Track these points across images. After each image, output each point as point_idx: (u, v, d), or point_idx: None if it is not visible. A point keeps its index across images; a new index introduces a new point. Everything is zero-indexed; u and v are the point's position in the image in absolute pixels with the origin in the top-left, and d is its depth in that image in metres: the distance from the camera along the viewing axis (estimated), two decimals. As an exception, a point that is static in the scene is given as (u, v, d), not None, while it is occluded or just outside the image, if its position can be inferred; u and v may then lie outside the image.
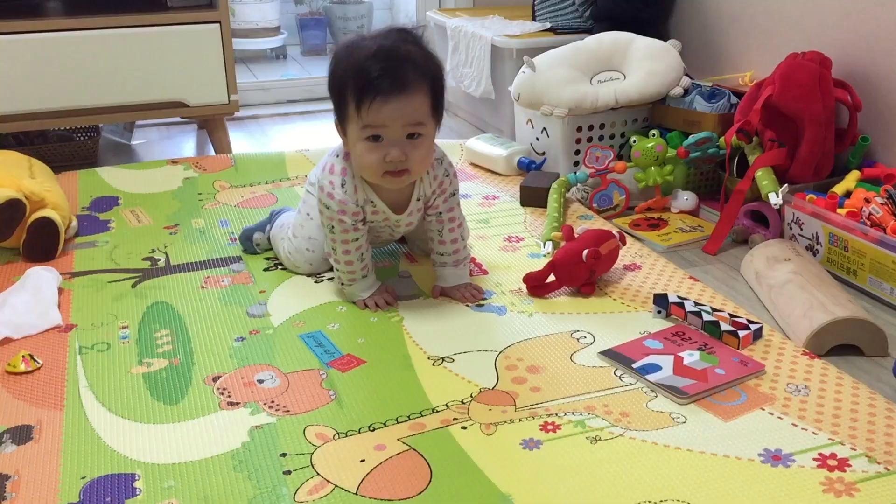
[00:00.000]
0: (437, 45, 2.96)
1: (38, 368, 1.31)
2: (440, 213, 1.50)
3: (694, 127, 1.99)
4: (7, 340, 1.39)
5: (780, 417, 1.17)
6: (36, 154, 2.21)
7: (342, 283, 1.50)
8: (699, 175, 2.02)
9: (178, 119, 2.75)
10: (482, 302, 1.51)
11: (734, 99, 1.98)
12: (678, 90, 2.04)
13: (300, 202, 1.64)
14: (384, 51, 1.32)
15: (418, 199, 1.48)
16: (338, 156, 1.45)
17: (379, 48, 1.32)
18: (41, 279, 1.55)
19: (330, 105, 1.41)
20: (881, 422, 1.15)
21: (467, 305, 1.50)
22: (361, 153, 1.36)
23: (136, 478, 1.06)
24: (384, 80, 1.30)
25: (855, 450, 1.09)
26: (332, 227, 1.44)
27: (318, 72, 3.50)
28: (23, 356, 1.32)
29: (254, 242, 1.70)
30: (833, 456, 1.08)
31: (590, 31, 2.40)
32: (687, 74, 2.09)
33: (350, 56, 1.34)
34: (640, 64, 2.07)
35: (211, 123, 2.43)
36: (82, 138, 2.45)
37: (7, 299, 1.49)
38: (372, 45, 1.33)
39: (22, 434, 1.16)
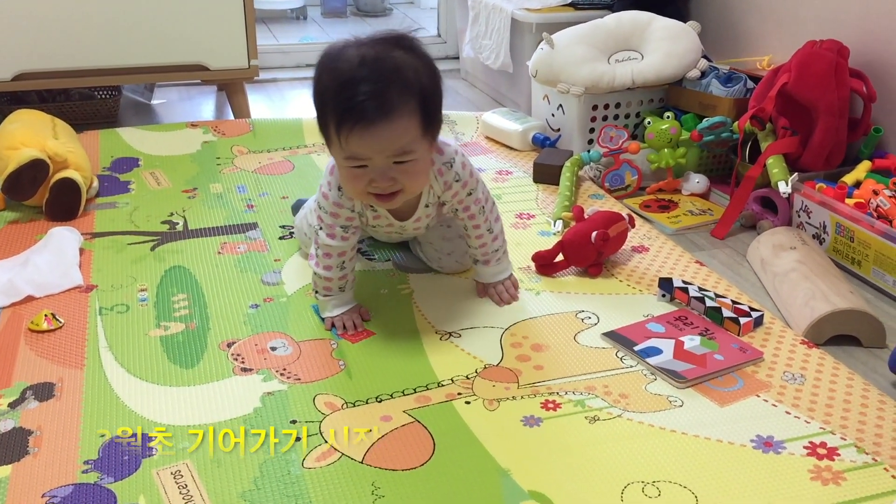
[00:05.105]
0: (457, 15, 2.97)
1: (60, 327, 1.36)
2: (456, 210, 1.40)
3: (709, 110, 2.00)
4: (30, 299, 1.44)
5: (774, 405, 1.20)
6: (57, 111, 2.25)
7: (315, 292, 1.39)
8: (711, 158, 2.03)
9: (197, 80, 2.77)
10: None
11: (750, 84, 1.98)
12: (695, 73, 2.04)
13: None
14: (367, 64, 1.16)
15: (427, 206, 1.38)
16: None
17: (361, 60, 1.16)
18: (63, 239, 1.59)
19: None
20: (872, 413, 1.18)
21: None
22: (345, 178, 1.25)
23: (152, 438, 1.11)
24: (363, 107, 1.14)
25: (845, 439, 1.13)
26: (320, 227, 1.35)
27: (337, 35, 3.50)
28: (45, 315, 1.37)
29: None
30: (823, 445, 1.12)
31: (610, 8, 2.40)
32: (705, 56, 2.10)
33: (332, 70, 1.19)
34: (659, 45, 2.08)
35: (230, 87, 2.46)
36: (103, 97, 2.48)
37: (30, 258, 1.54)
38: (355, 57, 1.17)
39: (44, 391, 1.21)
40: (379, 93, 1.15)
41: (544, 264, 1.57)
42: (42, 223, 1.72)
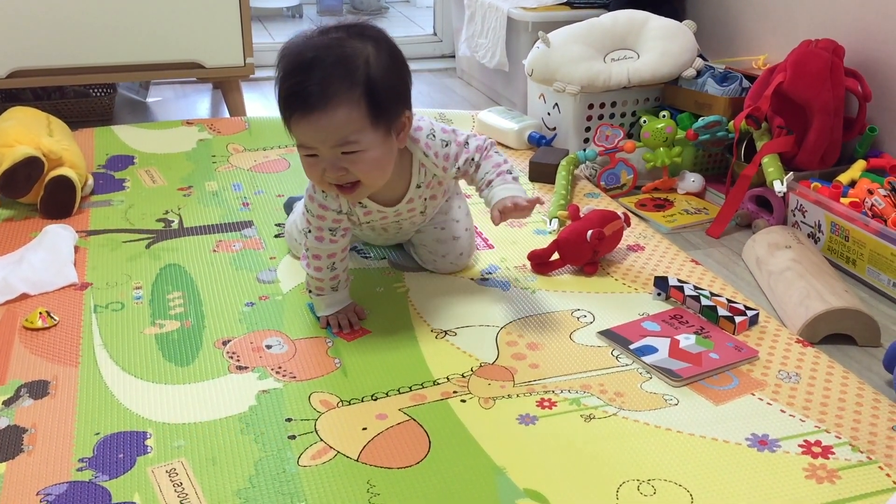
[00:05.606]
0: (453, 13, 2.96)
1: (55, 325, 1.36)
2: (474, 158, 1.36)
3: (705, 109, 2.00)
4: (24, 296, 1.43)
5: (769, 403, 1.20)
6: (53, 109, 2.25)
7: (309, 291, 1.40)
8: (707, 157, 2.03)
9: (193, 78, 2.77)
10: (486, 276, 1.55)
11: (746, 83, 1.99)
12: (691, 72, 2.05)
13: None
14: (316, 51, 1.16)
15: (419, 186, 1.36)
16: None
17: (313, 47, 1.17)
18: (58, 237, 1.59)
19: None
20: (867, 411, 1.19)
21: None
22: (303, 167, 1.24)
23: (148, 436, 1.11)
24: (304, 94, 1.14)
25: (840, 438, 1.13)
26: (309, 230, 1.35)
27: (333, 34, 3.49)
28: (40, 313, 1.36)
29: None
30: (818, 443, 1.12)
31: (606, 7, 2.40)
32: (700, 55, 2.10)
33: (286, 57, 1.19)
34: (654, 44, 2.08)
35: (226, 85, 2.45)
36: (99, 94, 2.48)
37: (25, 256, 1.53)
38: (309, 45, 1.18)
39: (39, 389, 1.20)
40: (320, 81, 1.15)
41: (540, 263, 1.57)
42: (37, 221, 1.72)
